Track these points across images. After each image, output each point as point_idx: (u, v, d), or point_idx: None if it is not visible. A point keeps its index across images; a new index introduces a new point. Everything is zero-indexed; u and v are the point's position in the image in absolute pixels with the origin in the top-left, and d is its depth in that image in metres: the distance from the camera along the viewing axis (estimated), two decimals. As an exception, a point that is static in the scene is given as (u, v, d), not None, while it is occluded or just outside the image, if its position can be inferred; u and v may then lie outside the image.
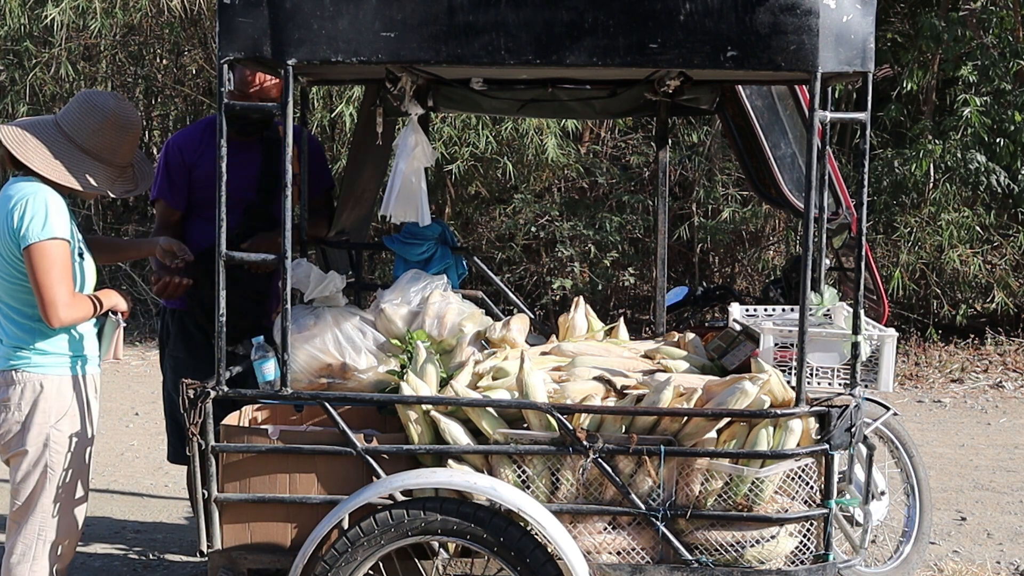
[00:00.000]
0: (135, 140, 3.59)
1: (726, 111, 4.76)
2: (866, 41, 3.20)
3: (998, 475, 6.50)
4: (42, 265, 3.34)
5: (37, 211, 3.36)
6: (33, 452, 3.46)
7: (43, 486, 3.48)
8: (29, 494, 3.50)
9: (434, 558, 3.46)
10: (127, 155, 3.57)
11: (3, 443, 3.50)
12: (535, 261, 10.29)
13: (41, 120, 3.55)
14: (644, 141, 10.21)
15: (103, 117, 3.50)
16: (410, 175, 4.32)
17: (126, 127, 3.53)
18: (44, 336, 3.45)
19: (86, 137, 3.48)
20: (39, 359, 3.45)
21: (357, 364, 3.78)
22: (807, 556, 3.37)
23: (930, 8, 9.84)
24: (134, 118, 3.57)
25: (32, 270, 3.36)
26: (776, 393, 3.35)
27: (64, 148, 3.46)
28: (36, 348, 3.45)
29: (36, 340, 3.45)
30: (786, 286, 4.99)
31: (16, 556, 3.52)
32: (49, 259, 3.35)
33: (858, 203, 3.43)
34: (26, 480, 3.49)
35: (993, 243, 9.62)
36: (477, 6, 3.17)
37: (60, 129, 3.49)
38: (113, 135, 3.50)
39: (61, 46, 10.38)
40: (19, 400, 3.44)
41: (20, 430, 3.46)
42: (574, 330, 4.16)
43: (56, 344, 3.47)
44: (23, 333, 3.45)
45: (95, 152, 3.49)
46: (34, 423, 3.45)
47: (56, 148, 3.46)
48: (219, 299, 3.37)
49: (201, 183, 4.40)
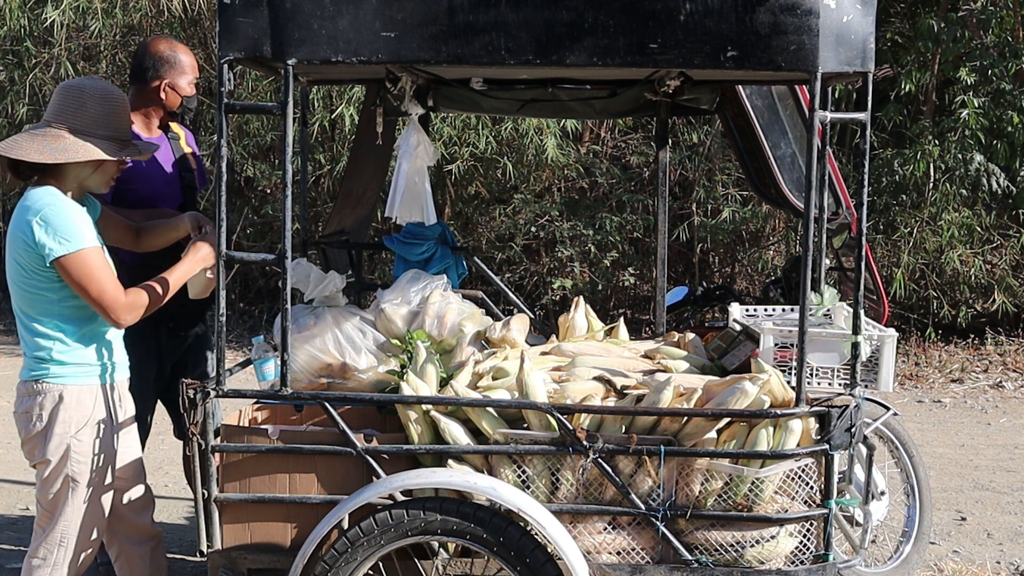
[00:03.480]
0: (124, 111, 3.51)
1: (726, 111, 4.76)
2: (866, 41, 3.20)
3: (998, 475, 6.50)
4: (80, 276, 3.34)
5: (59, 222, 3.32)
6: (55, 462, 3.46)
7: (65, 496, 3.48)
8: (52, 502, 3.50)
9: (434, 558, 3.46)
10: (121, 126, 3.49)
11: (28, 451, 3.52)
12: (535, 261, 10.29)
13: (28, 128, 3.53)
14: (644, 141, 10.22)
15: (80, 93, 3.45)
16: (413, 175, 4.32)
17: (107, 98, 3.46)
18: (64, 346, 3.43)
19: (72, 117, 3.42)
20: (58, 369, 3.43)
21: (357, 364, 3.78)
22: (807, 556, 3.37)
23: (929, 8, 9.84)
24: (113, 89, 3.52)
25: (73, 282, 3.35)
26: (776, 393, 3.35)
27: (56, 134, 3.40)
28: (55, 359, 3.42)
29: (55, 351, 3.42)
30: (786, 286, 5.00)
31: (37, 560, 3.54)
32: (87, 268, 3.34)
33: (858, 203, 3.43)
34: (50, 489, 3.49)
35: (993, 243, 9.62)
36: (477, 6, 3.17)
37: (47, 122, 3.45)
38: (96, 106, 3.43)
39: (61, 46, 10.38)
40: (40, 410, 3.44)
41: (43, 440, 3.45)
42: (574, 330, 4.16)
43: (76, 355, 3.45)
44: (43, 343, 3.42)
45: (87, 129, 3.41)
46: (54, 433, 3.44)
47: (49, 138, 3.40)
48: (219, 299, 3.37)
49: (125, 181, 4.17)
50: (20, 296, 3.44)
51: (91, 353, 3.47)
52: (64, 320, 3.42)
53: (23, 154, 3.37)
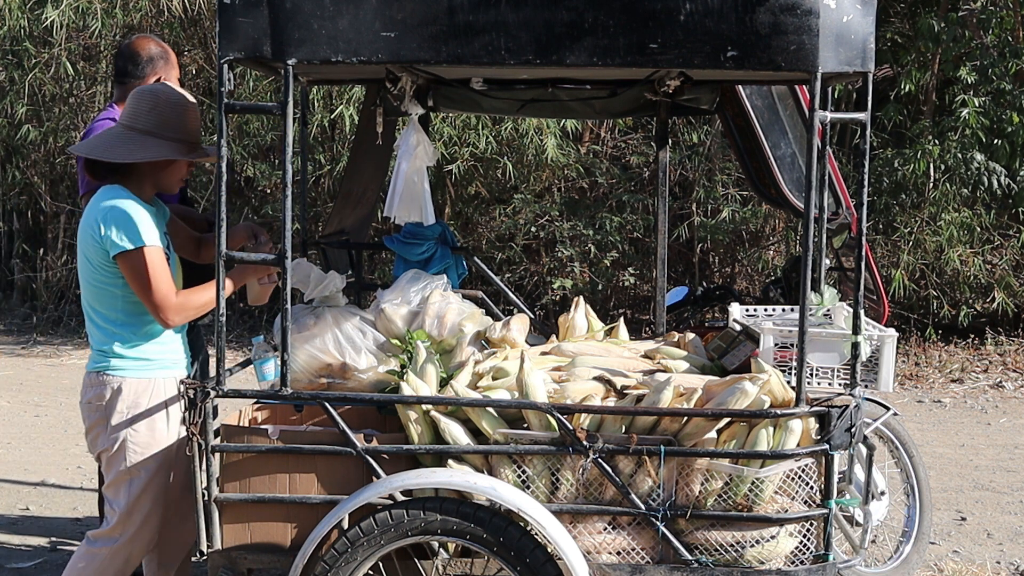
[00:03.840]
0: (194, 115, 3.67)
1: (726, 111, 4.76)
2: (866, 41, 3.19)
3: (998, 475, 6.50)
4: (136, 273, 3.45)
5: (120, 219, 3.45)
6: (112, 452, 3.57)
7: (124, 486, 3.57)
8: (112, 492, 3.60)
9: (434, 558, 3.46)
10: (191, 129, 3.64)
11: (90, 441, 3.64)
12: (535, 261, 10.29)
13: (104, 130, 3.74)
14: (644, 141, 10.22)
15: (153, 97, 3.61)
16: (412, 175, 4.32)
17: (178, 102, 3.62)
18: (124, 341, 3.54)
19: (144, 119, 3.57)
20: (118, 363, 3.54)
21: (357, 364, 3.78)
22: (807, 556, 3.37)
23: (929, 8, 9.84)
24: (184, 95, 3.68)
25: (130, 278, 3.47)
26: (776, 393, 3.35)
27: (129, 136, 3.57)
28: (116, 352, 3.54)
29: (116, 344, 3.54)
30: (786, 286, 5.00)
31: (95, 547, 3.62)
32: (143, 267, 3.45)
33: (858, 203, 3.42)
34: (110, 478, 3.60)
35: (993, 243, 9.61)
36: (477, 6, 3.17)
37: (121, 125, 3.62)
38: (168, 110, 3.59)
39: (61, 46, 10.39)
40: (101, 401, 3.56)
41: (103, 431, 3.57)
42: (574, 330, 4.16)
43: (136, 349, 3.55)
44: (105, 337, 3.55)
45: (158, 131, 3.56)
46: (112, 424, 3.55)
47: (121, 138, 3.57)
48: (220, 299, 3.38)
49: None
50: (87, 291, 3.58)
51: (151, 348, 3.58)
52: (126, 315, 3.53)
53: (97, 154, 3.57)
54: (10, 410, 7.99)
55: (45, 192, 11.57)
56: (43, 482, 6.21)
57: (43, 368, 9.49)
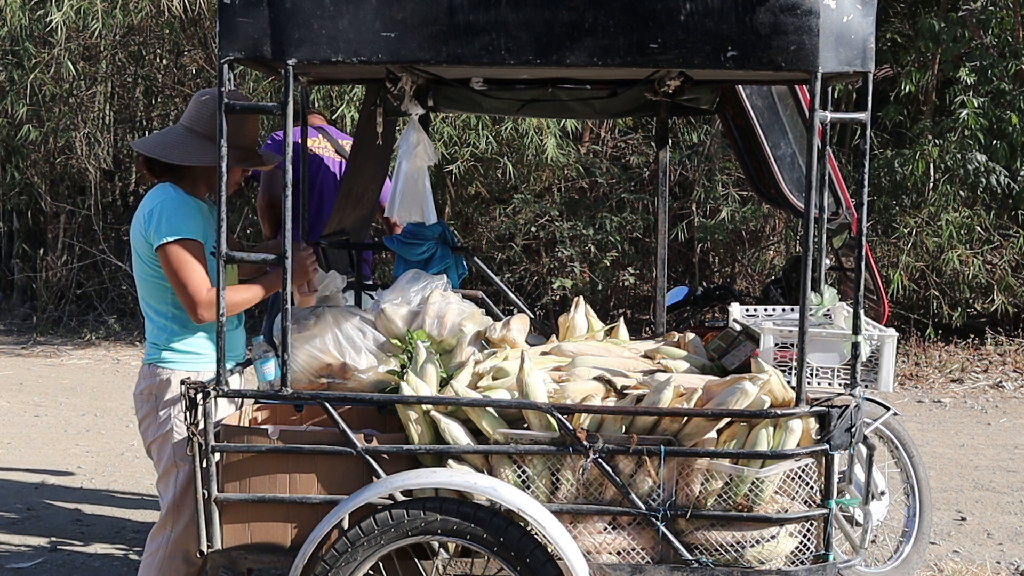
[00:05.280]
0: (254, 124, 3.73)
1: (726, 111, 4.76)
2: (866, 41, 3.20)
3: (998, 475, 6.51)
4: (171, 266, 3.52)
5: (164, 213, 3.53)
6: (160, 443, 3.63)
7: (169, 479, 3.63)
8: (163, 484, 3.66)
9: (434, 558, 3.46)
10: (246, 136, 3.70)
11: (142, 432, 3.71)
12: (535, 261, 10.29)
13: (167, 128, 3.82)
14: (644, 141, 10.22)
15: (213, 101, 3.66)
16: (413, 175, 4.32)
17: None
18: (175, 334, 3.62)
19: (206, 123, 3.64)
20: (168, 355, 3.63)
21: (357, 364, 3.78)
22: (807, 556, 3.37)
23: (929, 8, 9.84)
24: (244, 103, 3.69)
25: (166, 270, 3.54)
26: (776, 393, 3.35)
27: (189, 139, 3.65)
28: (167, 345, 3.63)
29: (166, 337, 3.63)
30: (786, 286, 4.99)
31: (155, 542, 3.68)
32: (178, 259, 3.50)
33: (858, 203, 3.42)
34: (160, 470, 3.67)
35: (993, 243, 9.62)
36: (477, 6, 3.17)
37: (183, 126, 3.69)
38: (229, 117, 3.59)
39: (61, 46, 10.39)
40: (151, 392, 3.64)
41: (153, 422, 3.65)
42: (574, 330, 4.16)
43: (185, 343, 3.63)
44: (157, 330, 3.65)
45: (214, 136, 3.56)
46: (160, 416, 3.62)
47: (182, 140, 3.65)
48: (220, 299, 3.38)
49: None
50: (141, 285, 3.67)
51: (199, 342, 3.64)
52: (176, 307, 3.61)
53: (153, 152, 3.65)
54: (10, 410, 7.99)
55: (45, 192, 11.58)
56: (43, 482, 6.22)
57: (43, 368, 9.49)
